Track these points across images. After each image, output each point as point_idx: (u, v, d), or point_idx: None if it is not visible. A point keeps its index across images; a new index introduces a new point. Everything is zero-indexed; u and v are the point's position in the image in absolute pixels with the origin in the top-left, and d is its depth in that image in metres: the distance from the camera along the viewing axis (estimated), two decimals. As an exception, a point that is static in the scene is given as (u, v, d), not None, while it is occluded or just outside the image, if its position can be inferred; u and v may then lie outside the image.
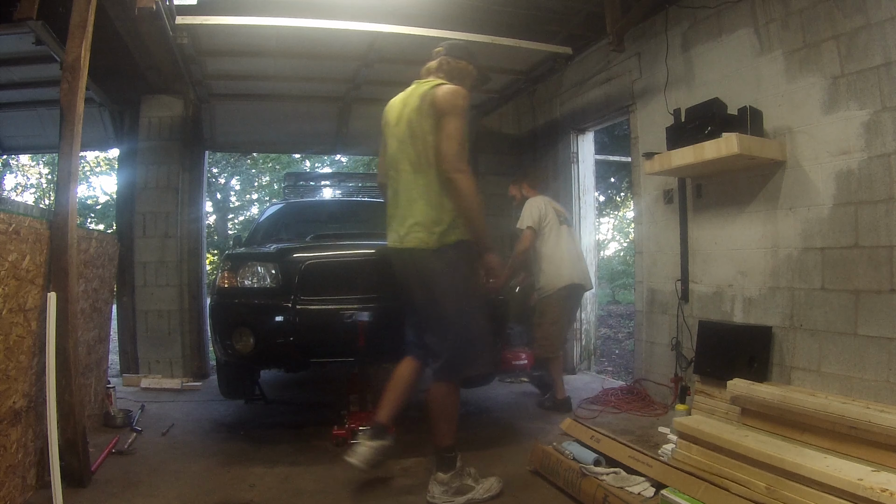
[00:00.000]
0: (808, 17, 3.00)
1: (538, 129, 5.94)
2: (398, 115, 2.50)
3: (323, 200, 5.87)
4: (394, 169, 2.48)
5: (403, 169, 2.44)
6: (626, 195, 10.77)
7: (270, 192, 14.11)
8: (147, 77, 4.58)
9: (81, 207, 11.29)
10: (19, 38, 3.25)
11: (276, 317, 3.06)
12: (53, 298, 2.36)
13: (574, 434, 2.81)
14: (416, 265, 2.43)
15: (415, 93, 2.48)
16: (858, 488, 1.76)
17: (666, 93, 3.97)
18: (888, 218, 2.63)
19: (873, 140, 2.70)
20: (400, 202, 2.46)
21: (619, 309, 10.48)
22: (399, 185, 2.46)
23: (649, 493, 2.23)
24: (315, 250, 3.39)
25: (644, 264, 4.33)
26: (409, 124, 2.42)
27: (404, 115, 2.46)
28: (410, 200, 2.41)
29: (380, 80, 4.72)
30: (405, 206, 2.43)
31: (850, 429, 2.18)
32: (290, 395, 4.50)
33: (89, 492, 2.43)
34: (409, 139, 2.42)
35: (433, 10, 4.22)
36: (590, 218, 5.39)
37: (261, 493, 2.49)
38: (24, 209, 2.39)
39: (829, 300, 2.89)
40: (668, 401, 3.82)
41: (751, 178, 3.34)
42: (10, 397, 2.15)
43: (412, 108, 2.44)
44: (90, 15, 2.50)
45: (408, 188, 2.42)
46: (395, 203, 2.49)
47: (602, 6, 4.01)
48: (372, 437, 2.51)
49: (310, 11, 3.80)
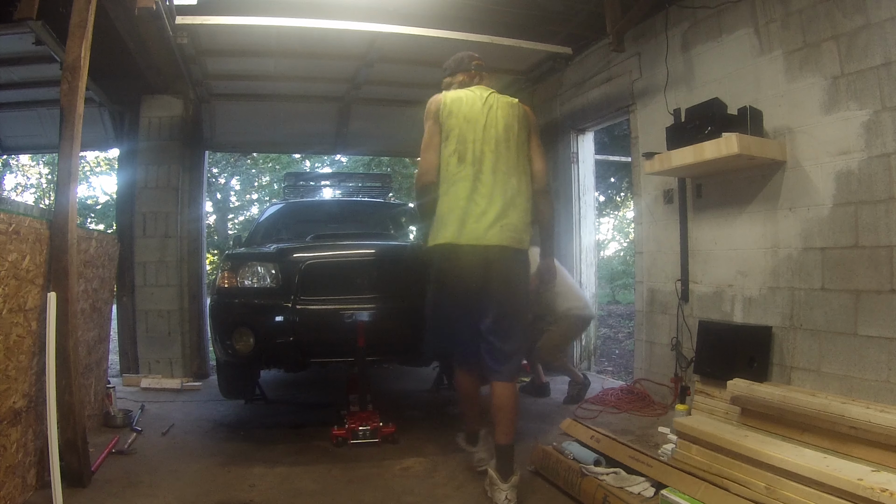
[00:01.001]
0: (808, 17, 3.00)
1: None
2: (480, 115, 2.45)
3: (323, 200, 5.87)
4: (474, 164, 2.40)
5: (498, 169, 2.41)
6: (626, 195, 10.77)
7: (270, 192, 14.11)
8: (147, 77, 4.58)
9: (81, 207, 11.29)
10: (19, 38, 3.25)
11: (276, 317, 3.06)
12: (53, 298, 2.36)
13: (574, 434, 2.81)
14: (500, 263, 2.39)
15: (500, 100, 2.51)
16: (858, 488, 1.76)
17: (666, 93, 3.97)
18: (888, 218, 2.63)
19: (873, 140, 2.70)
20: (494, 199, 2.38)
21: (619, 309, 10.48)
22: (487, 183, 2.40)
23: (649, 493, 2.23)
24: (315, 250, 3.39)
25: (644, 264, 4.33)
26: (508, 129, 2.46)
27: (498, 117, 2.46)
28: (508, 201, 2.41)
29: (380, 80, 4.72)
30: (499, 205, 2.38)
31: (850, 429, 2.18)
32: (290, 395, 4.50)
33: (89, 492, 2.43)
34: (505, 143, 2.44)
35: (433, 10, 4.23)
36: (590, 218, 5.38)
37: (261, 493, 2.49)
38: (24, 209, 2.38)
39: (829, 300, 2.89)
40: (668, 401, 3.82)
41: (751, 178, 3.34)
42: (10, 397, 2.15)
43: (509, 115, 2.48)
44: (90, 15, 2.50)
45: (504, 189, 2.41)
46: (473, 199, 2.38)
47: (602, 6, 4.01)
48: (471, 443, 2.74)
49: (310, 11, 3.80)
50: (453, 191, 2.40)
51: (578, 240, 5.28)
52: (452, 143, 2.41)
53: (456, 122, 2.43)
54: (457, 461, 2.87)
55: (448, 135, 2.42)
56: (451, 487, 2.56)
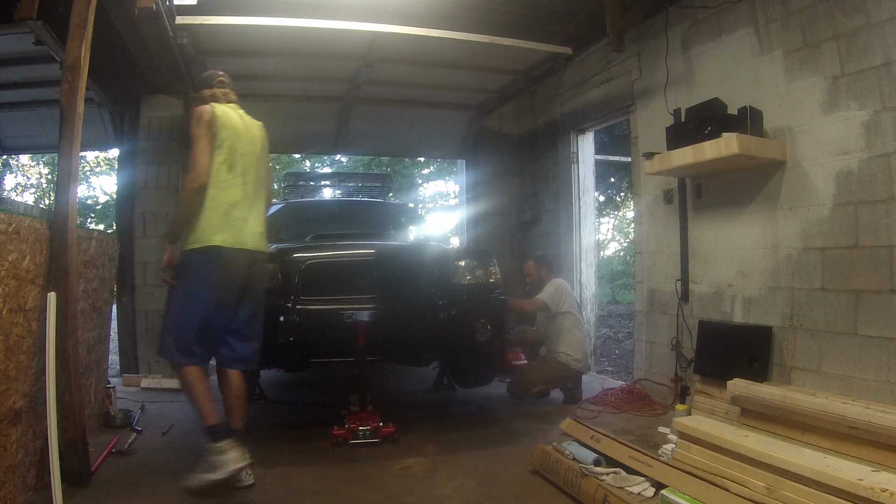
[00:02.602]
0: (808, 17, 3.00)
1: (538, 129, 5.94)
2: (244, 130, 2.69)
3: (323, 200, 5.86)
4: (242, 174, 2.63)
5: (252, 181, 2.67)
6: (626, 195, 10.77)
7: (270, 192, 14.09)
8: (147, 77, 4.58)
9: (81, 207, 11.28)
10: (19, 38, 3.25)
11: (276, 317, 3.06)
12: (53, 298, 2.35)
13: (574, 434, 2.80)
14: (258, 266, 2.67)
15: (253, 123, 2.80)
16: (858, 488, 1.76)
17: (666, 93, 3.97)
18: (888, 218, 2.63)
19: (873, 140, 2.70)
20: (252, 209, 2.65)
21: (619, 309, 10.48)
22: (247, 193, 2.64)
23: (649, 493, 2.23)
24: (315, 250, 3.39)
25: (644, 264, 4.33)
26: (262, 148, 2.78)
27: (256, 136, 2.75)
28: (259, 211, 2.71)
29: (380, 80, 4.72)
30: (255, 214, 2.67)
31: (850, 429, 2.18)
32: (290, 395, 4.50)
33: (89, 492, 2.42)
34: (257, 159, 2.73)
35: (433, 10, 4.23)
36: (590, 218, 5.38)
37: (261, 493, 2.48)
38: (24, 209, 2.39)
39: (829, 300, 2.89)
40: (668, 401, 3.82)
41: (751, 178, 3.34)
42: (10, 397, 2.15)
43: (260, 136, 2.79)
44: (90, 15, 2.50)
45: (256, 199, 2.70)
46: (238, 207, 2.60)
47: (602, 6, 4.01)
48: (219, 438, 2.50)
49: (310, 11, 3.80)
50: (222, 196, 2.57)
51: (578, 240, 5.29)
52: (224, 153, 2.58)
53: (227, 133, 2.61)
54: (457, 461, 2.87)
55: (221, 144, 2.59)
56: (451, 487, 2.56)
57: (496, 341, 3.53)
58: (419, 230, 5.14)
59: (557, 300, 4.08)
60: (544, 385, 4.06)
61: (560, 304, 4.09)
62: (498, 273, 3.63)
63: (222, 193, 2.56)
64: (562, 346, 4.05)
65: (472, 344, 3.34)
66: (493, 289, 3.56)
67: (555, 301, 4.08)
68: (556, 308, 4.08)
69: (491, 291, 3.55)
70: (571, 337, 4.07)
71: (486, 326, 3.34)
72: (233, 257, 2.55)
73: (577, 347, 4.06)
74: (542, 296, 4.12)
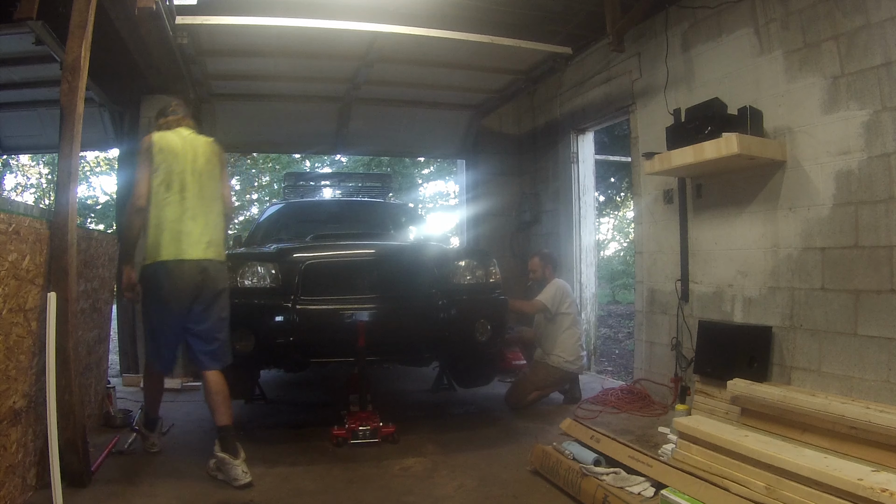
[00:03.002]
0: (808, 17, 3.00)
1: (538, 129, 5.94)
2: (182, 149, 2.82)
3: (323, 200, 5.87)
4: (181, 192, 2.77)
5: (193, 195, 2.79)
6: (626, 195, 10.76)
7: (270, 192, 14.09)
8: (147, 77, 4.57)
9: (81, 207, 11.27)
10: (19, 38, 3.25)
11: (276, 317, 3.06)
12: (53, 298, 2.35)
13: (574, 434, 2.80)
14: (210, 273, 2.76)
15: (199, 139, 2.92)
16: (858, 488, 1.76)
17: (666, 93, 3.97)
18: (888, 218, 2.63)
19: (873, 140, 2.70)
20: (198, 220, 2.78)
21: (619, 309, 10.48)
22: (186, 207, 2.77)
23: (649, 493, 2.23)
24: (315, 250, 3.39)
25: (644, 264, 4.33)
26: (209, 163, 2.88)
27: (199, 152, 2.87)
28: (210, 222, 2.82)
29: (380, 80, 4.72)
30: (203, 225, 2.78)
31: (850, 429, 2.18)
32: (290, 395, 4.50)
33: (89, 492, 2.42)
34: (200, 175, 2.83)
35: (433, 10, 4.23)
36: (590, 218, 5.39)
37: (261, 493, 2.48)
38: (24, 209, 2.38)
39: (829, 300, 2.89)
40: (668, 401, 3.82)
41: (751, 178, 3.34)
42: (10, 397, 2.15)
43: (208, 151, 2.90)
44: (90, 15, 2.50)
45: (206, 211, 2.82)
46: (182, 221, 2.75)
47: (602, 6, 4.01)
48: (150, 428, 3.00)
49: (310, 11, 3.80)
50: (162, 215, 2.74)
51: (578, 240, 5.29)
52: (161, 175, 2.76)
53: (163, 156, 2.78)
54: (457, 461, 2.87)
55: (157, 167, 2.77)
56: (452, 487, 2.56)
57: (496, 341, 3.53)
58: (419, 230, 5.14)
59: (557, 302, 4.08)
60: (539, 392, 4.04)
61: (559, 305, 4.09)
62: (498, 273, 3.63)
63: (162, 212, 2.74)
64: (556, 349, 4.03)
65: (472, 344, 3.34)
66: (493, 289, 3.57)
67: (554, 303, 4.07)
68: (556, 310, 4.08)
69: (491, 291, 3.55)
70: (566, 338, 4.05)
71: (486, 326, 3.35)
72: (180, 269, 2.70)
73: (570, 349, 4.04)
74: (542, 297, 4.11)
